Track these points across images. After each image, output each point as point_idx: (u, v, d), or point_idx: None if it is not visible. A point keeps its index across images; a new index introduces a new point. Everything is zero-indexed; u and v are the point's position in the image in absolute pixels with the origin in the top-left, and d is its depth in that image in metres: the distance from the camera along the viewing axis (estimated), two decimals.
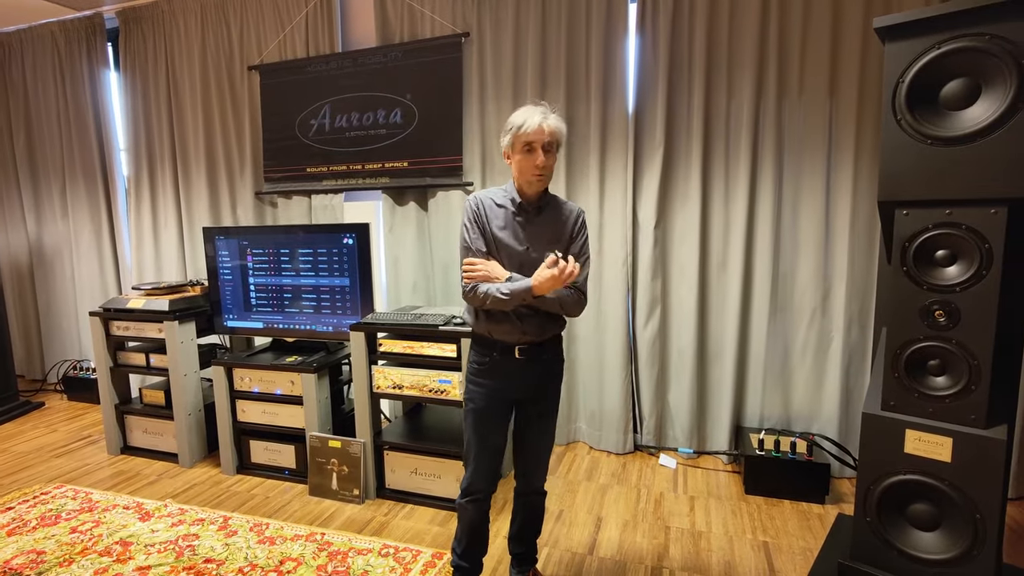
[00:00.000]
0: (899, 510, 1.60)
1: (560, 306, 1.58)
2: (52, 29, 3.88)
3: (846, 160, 2.51)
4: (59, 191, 4.08)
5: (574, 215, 1.66)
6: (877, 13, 2.40)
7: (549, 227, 1.63)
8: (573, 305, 1.59)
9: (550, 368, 1.70)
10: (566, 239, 1.63)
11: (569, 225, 1.64)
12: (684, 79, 2.72)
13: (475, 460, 1.68)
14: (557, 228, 1.63)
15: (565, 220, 1.64)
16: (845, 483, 2.59)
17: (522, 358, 1.63)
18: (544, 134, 1.53)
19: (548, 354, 1.67)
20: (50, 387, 4.27)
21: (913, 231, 1.53)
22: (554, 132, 1.55)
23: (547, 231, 1.62)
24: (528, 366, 1.64)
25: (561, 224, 1.64)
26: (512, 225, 1.62)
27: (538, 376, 1.67)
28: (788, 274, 2.67)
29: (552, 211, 1.65)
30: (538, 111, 1.55)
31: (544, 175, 1.57)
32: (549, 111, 1.57)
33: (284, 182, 3.43)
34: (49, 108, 4.00)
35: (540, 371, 1.67)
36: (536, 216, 1.63)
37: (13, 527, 2.31)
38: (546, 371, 1.69)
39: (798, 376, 2.70)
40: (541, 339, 1.63)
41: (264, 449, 2.76)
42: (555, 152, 1.59)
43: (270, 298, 2.86)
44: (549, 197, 1.66)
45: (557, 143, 1.57)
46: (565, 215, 1.65)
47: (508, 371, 1.64)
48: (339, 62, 3.21)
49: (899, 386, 1.58)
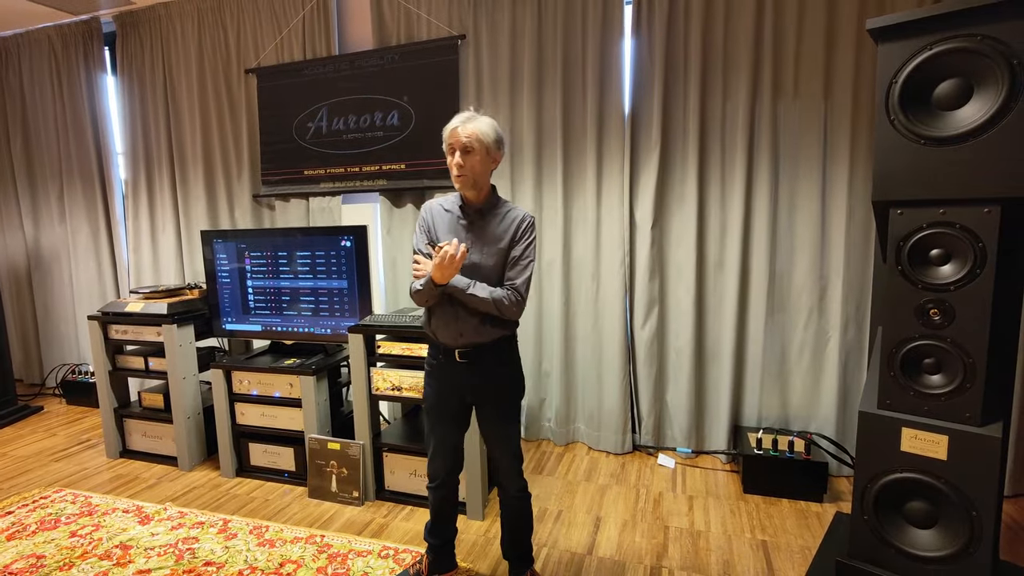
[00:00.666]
0: (896, 508, 1.61)
1: (495, 307, 1.61)
2: (49, 33, 3.88)
3: (841, 160, 2.52)
4: (57, 195, 4.08)
5: (519, 219, 1.68)
6: (871, 14, 2.41)
7: (492, 230, 1.67)
8: (509, 306, 1.61)
9: (493, 371, 1.71)
10: (508, 242, 1.66)
11: (513, 228, 1.67)
12: (680, 80, 2.73)
13: (431, 452, 1.83)
14: (501, 231, 1.67)
15: (509, 224, 1.67)
16: (843, 481, 2.60)
17: (463, 361, 1.68)
18: (460, 136, 1.59)
19: (490, 357, 1.69)
20: (49, 391, 4.26)
21: (907, 231, 1.54)
22: (471, 134, 1.59)
23: (490, 234, 1.67)
24: (469, 369, 1.69)
25: (505, 228, 1.67)
26: (456, 229, 1.69)
27: (480, 379, 1.70)
28: (785, 274, 2.68)
29: (497, 215, 1.69)
30: (462, 116, 1.62)
31: (464, 175, 1.61)
32: (477, 116, 1.63)
33: (282, 185, 3.43)
34: (46, 112, 4.00)
35: (482, 374, 1.70)
36: (479, 219, 1.68)
37: (13, 531, 2.31)
38: (489, 374, 1.70)
39: (795, 375, 2.71)
40: (480, 341, 1.66)
41: (263, 452, 2.76)
42: (477, 155, 1.60)
43: (268, 301, 2.86)
44: (496, 201, 1.71)
45: (478, 145, 1.59)
46: (510, 219, 1.68)
47: (451, 373, 1.71)
48: (336, 65, 3.22)
49: (895, 385, 1.59)
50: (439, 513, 1.89)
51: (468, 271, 1.64)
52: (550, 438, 3.14)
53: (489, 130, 1.62)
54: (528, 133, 2.93)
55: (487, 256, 1.66)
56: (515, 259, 1.65)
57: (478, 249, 1.67)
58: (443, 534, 1.92)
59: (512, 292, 1.63)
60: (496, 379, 1.72)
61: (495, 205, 1.70)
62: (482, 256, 1.66)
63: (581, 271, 2.97)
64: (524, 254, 1.66)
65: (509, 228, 1.67)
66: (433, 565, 1.92)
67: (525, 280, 1.65)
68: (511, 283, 1.64)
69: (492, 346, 1.68)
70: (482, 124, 1.61)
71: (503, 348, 1.71)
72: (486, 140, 1.61)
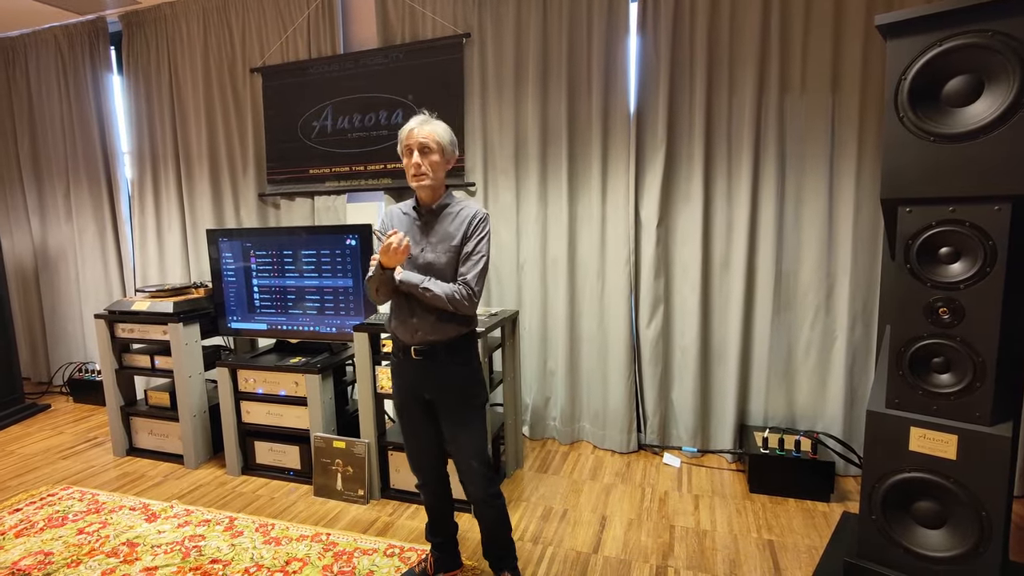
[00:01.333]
0: (904, 508, 1.60)
1: (448, 302, 1.63)
2: (56, 33, 3.89)
3: (849, 157, 2.50)
4: (63, 194, 4.10)
5: (471, 216, 1.71)
6: (879, 10, 2.40)
7: (445, 229, 1.71)
8: (460, 300, 1.63)
9: (449, 370, 1.71)
10: (460, 238, 1.69)
11: (466, 224, 1.70)
12: (686, 77, 2.72)
13: (407, 452, 1.85)
14: (454, 228, 1.70)
15: (463, 221, 1.70)
16: (850, 481, 2.59)
17: (419, 359, 1.71)
18: (417, 137, 1.64)
19: (446, 356, 1.70)
20: (56, 389, 4.29)
21: (916, 228, 1.53)
22: (428, 135, 1.65)
23: (443, 232, 1.70)
24: (425, 367, 1.71)
25: (458, 225, 1.70)
26: (412, 230, 1.73)
27: (437, 379, 1.71)
28: (791, 272, 2.67)
29: (450, 214, 1.72)
30: (417, 119, 1.68)
31: (422, 174, 1.65)
32: (432, 119, 1.69)
33: (287, 184, 3.44)
34: (53, 112, 4.02)
35: (439, 373, 1.71)
36: (433, 220, 1.72)
37: (21, 528, 2.33)
38: (445, 373, 1.71)
39: (802, 374, 2.69)
40: (436, 339, 1.68)
41: (269, 450, 2.77)
42: (436, 154, 1.66)
43: (274, 299, 2.87)
44: (449, 200, 1.75)
45: (436, 145, 1.65)
46: (462, 217, 1.71)
47: (410, 371, 1.74)
48: (341, 64, 3.22)
49: (903, 384, 1.58)
50: (433, 511, 1.90)
51: (424, 270, 1.68)
52: (555, 437, 3.14)
53: (445, 132, 1.69)
54: (533, 131, 2.93)
55: (440, 254, 1.69)
56: (467, 254, 1.68)
57: (432, 248, 1.70)
58: (442, 531, 1.92)
59: (463, 286, 1.65)
60: (452, 378, 1.72)
61: (447, 204, 1.74)
62: (436, 254, 1.69)
63: (586, 270, 2.97)
64: (475, 249, 1.68)
65: (461, 226, 1.70)
66: (438, 564, 1.93)
67: (476, 275, 1.67)
68: (462, 277, 1.66)
69: (448, 344, 1.70)
70: (438, 127, 1.68)
71: (460, 347, 1.72)
72: (442, 141, 1.67)
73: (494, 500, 1.76)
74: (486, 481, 1.73)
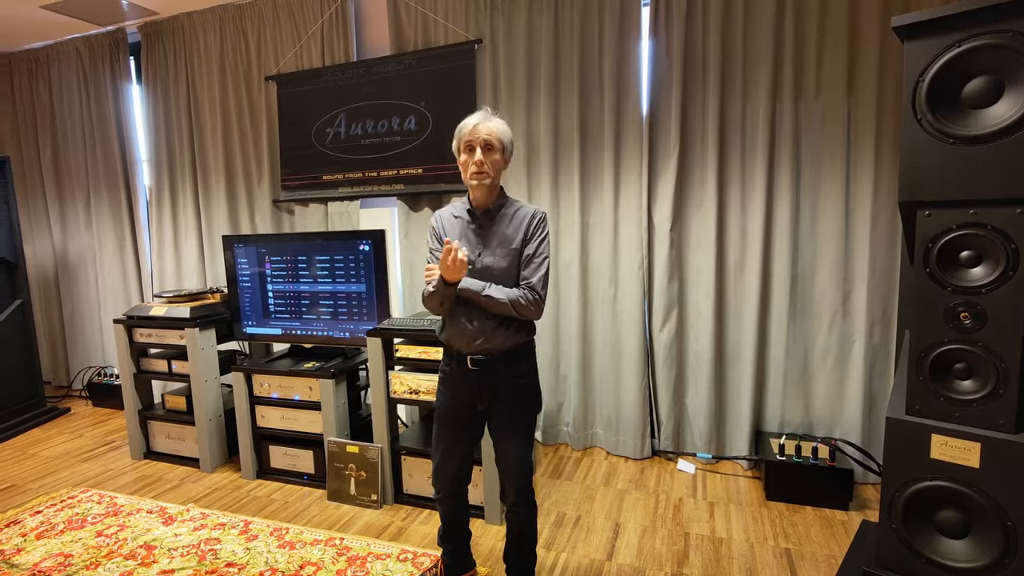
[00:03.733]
0: (926, 517, 1.57)
1: (512, 307, 1.56)
2: (77, 44, 3.98)
3: (865, 160, 2.47)
4: (83, 201, 4.19)
5: (531, 216, 1.65)
6: (895, 11, 2.37)
7: (503, 231, 1.64)
8: (526, 305, 1.57)
9: (508, 381, 1.64)
10: (521, 240, 1.62)
11: (525, 225, 1.63)
12: (699, 81, 2.71)
13: (435, 461, 1.76)
14: (512, 231, 1.63)
15: (521, 222, 1.64)
16: (869, 489, 2.54)
17: (475, 369, 1.63)
18: (480, 134, 1.58)
19: (505, 367, 1.63)
20: (75, 393, 4.36)
21: (936, 232, 1.50)
22: (492, 132, 1.59)
23: (500, 235, 1.64)
24: (482, 377, 1.63)
25: (516, 226, 1.64)
26: (466, 233, 1.67)
27: (494, 389, 1.64)
28: (807, 276, 2.64)
29: (506, 216, 1.66)
30: (479, 115, 1.62)
31: (483, 172, 1.58)
32: (494, 116, 1.63)
33: (301, 190, 3.47)
34: (74, 121, 4.11)
35: (496, 383, 1.64)
36: (489, 222, 1.66)
37: (42, 530, 2.36)
38: (504, 383, 1.64)
39: (819, 380, 2.66)
40: (494, 348, 1.61)
41: (283, 454, 2.79)
42: (498, 153, 1.61)
43: (288, 304, 2.89)
44: (505, 201, 1.68)
45: (499, 144, 1.60)
46: (520, 218, 1.65)
47: (464, 382, 1.66)
48: (354, 71, 3.25)
49: (924, 390, 1.55)
50: (447, 521, 1.85)
51: (482, 275, 1.61)
52: (568, 442, 3.13)
53: (507, 131, 1.64)
54: (545, 136, 2.93)
55: (500, 258, 1.62)
56: (528, 257, 1.61)
57: (490, 252, 1.63)
58: (456, 539, 1.89)
59: (528, 291, 1.59)
60: (511, 389, 1.65)
61: (504, 205, 1.67)
62: (495, 258, 1.62)
63: (599, 274, 2.96)
64: (538, 251, 1.62)
65: (520, 227, 1.63)
66: (449, 569, 1.91)
67: (541, 278, 1.60)
68: (527, 282, 1.60)
69: (508, 354, 1.63)
70: (500, 124, 1.62)
71: (520, 356, 1.66)
72: (505, 140, 1.62)
73: (528, 510, 1.74)
74: (526, 487, 1.70)
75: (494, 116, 1.63)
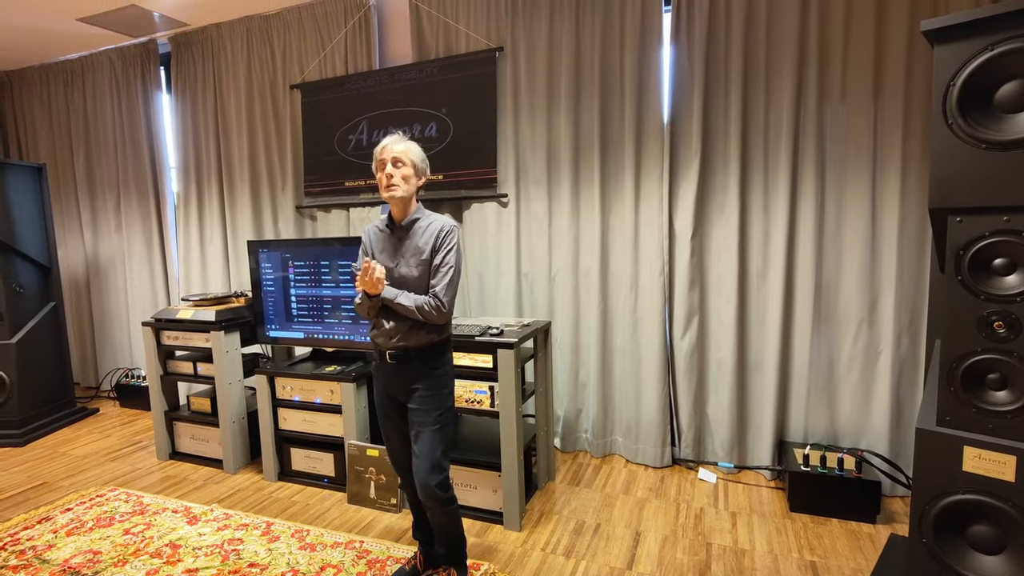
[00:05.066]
0: (958, 531, 1.52)
1: (418, 312, 1.74)
2: (110, 55, 4.11)
3: (893, 165, 2.43)
4: (114, 207, 4.31)
5: (439, 229, 1.79)
6: (923, 14, 2.33)
7: (416, 243, 1.80)
8: (430, 311, 1.74)
9: (419, 373, 1.81)
10: (429, 252, 1.78)
11: (433, 238, 1.78)
12: (721, 86, 2.69)
13: (387, 452, 1.99)
14: (423, 243, 1.79)
15: (431, 235, 1.79)
16: (897, 502, 2.48)
17: (392, 363, 1.83)
18: (390, 152, 1.76)
19: (417, 361, 1.81)
20: (104, 394, 4.47)
21: (968, 239, 1.47)
22: (401, 151, 1.76)
23: (414, 247, 1.80)
24: (398, 370, 1.83)
25: (427, 239, 1.79)
26: (388, 245, 1.85)
27: (407, 381, 1.83)
28: (832, 284, 2.59)
29: (419, 229, 1.81)
30: (392, 138, 1.80)
31: (393, 185, 1.76)
32: (406, 139, 1.80)
33: (323, 196, 3.53)
34: (107, 129, 4.24)
35: (409, 376, 1.82)
36: (405, 235, 1.82)
37: (72, 527, 2.42)
38: (415, 377, 1.82)
39: (844, 389, 2.60)
40: (409, 345, 1.80)
41: (304, 457, 2.82)
42: (408, 168, 1.77)
43: (310, 309, 2.93)
44: (420, 216, 1.83)
45: (408, 160, 1.77)
46: (431, 231, 1.79)
47: (385, 375, 1.87)
48: (377, 79, 3.30)
49: (955, 401, 1.51)
50: (415, 510, 2.04)
51: (399, 283, 1.81)
52: (587, 449, 3.11)
53: (417, 152, 1.80)
54: (565, 142, 2.94)
55: (413, 268, 1.79)
56: (436, 267, 1.77)
57: (405, 262, 1.80)
58: (426, 529, 2.03)
59: (432, 298, 1.75)
60: (421, 381, 1.81)
61: (417, 219, 1.82)
62: (409, 268, 1.80)
63: (619, 281, 2.94)
64: (443, 261, 1.77)
65: (430, 239, 1.78)
66: (427, 560, 2.02)
67: (444, 286, 1.76)
68: (432, 290, 1.76)
69: (421, 350, 1.81)
70: (412, 145, 1.80)
71: (431, 353, 1.82)
72: (414, 159, 1.79)
73: (434, 501, 1.80)
74: (425, 482, 1.78)
75: (406, 140, 1.81)
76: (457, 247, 1.80)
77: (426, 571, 2.01)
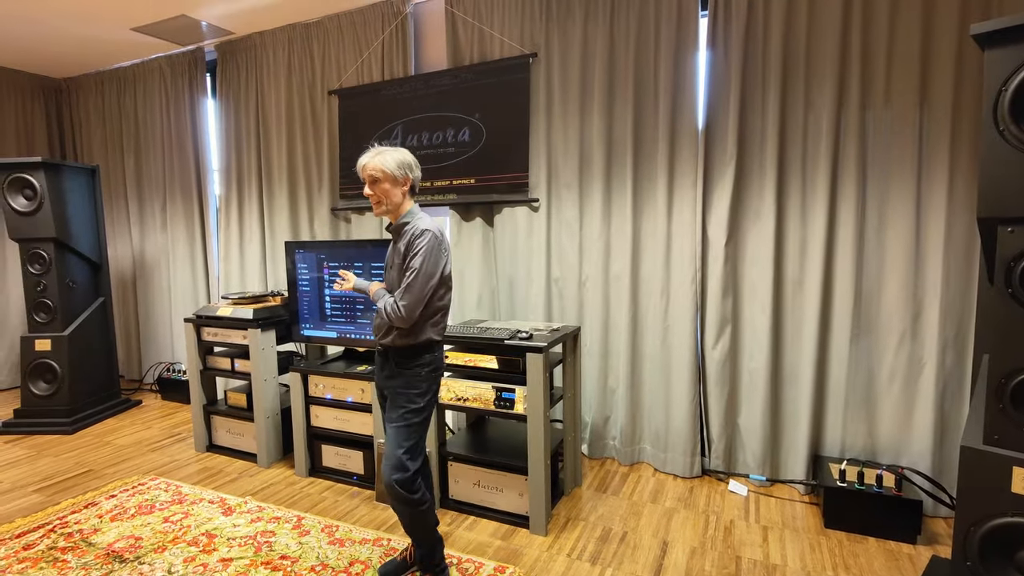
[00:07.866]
0: (1006, 555, 1.46)
1: (384, 314, 1.82)
2: (160, 63, 4.30)
3: (939, 173, 2.34)
4: (160, 207, 4.49)
5: (412, 234, 1.83)
6: (973, 18, 2.25)
7: (399, 248, 1.87)
8: (390, 314, 1.81)
9: (397, 371, 1.89)
10: (403, 256, 1.83)
11: (407, 242, 1.83)
12: (758, 91, 2.65)
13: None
14: (403, 246, 1.85)
15: (408, 240, 1.83)
16: (939, 522, 2.38)
17: (380, 358, 1.96)
18: (366, 172, 1.84)
19: (396, 358, 1.89)
20: (146, 387, 4.66)
21: (1019, 250, 1.41)
22: (375, 167, 1.82)
23: (399, 251, 1.86)
24: (383, 365, 1.95)
25: (405, 243, 1.84)
26: (388, 252, 1.96)
27: (387, 376, 1.93)
28: (873, 294, 2.51)
29: (404, 234, 1.87)
30: (367, 155, 1.86)
31: (378, 203, 1.86)
32: (383, 151, 1.85)
33: (358, 199, 3.60)
34: (155, 133, 4.43)
35: (388, 372, 1.92)
36: (396, 238, 1.91)
37: (115, 513, 2.53)
38: (392, 373, 1.90)
39: (884, 404, 2.52)
40: (390, 343, 1.88)
41: (335, 454, 2.88)
42: (385, 183, 1.83)
43: (344, 309, 3.00)
44: (407, 220, 1.89)
45: (382, 175, 1.82)
46: (408, 236, 1.84)
47: (377, 369, 1.98)
48: (412, 84, 3.36)
49: (1004, 419, 1.45)
50: None
51: (392, 285, 1.89)
52: (615, 456, 3.08)
53: (391, 161, 1.83)
54: (598, 147, 2.93)
55: (398, 271, 1.85)
56: (404, 271, 1.82)
57: (395, 266, 1.88)
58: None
59: (394, 302, 1.80)
60: (397, 378, 1.88)
61: (404, 224, 1.88)
62: (396, 272, 1.87)
63: (650, 287, 2.92)
64: (409, 266, 1.80)
65: (406, 244, 1.83)
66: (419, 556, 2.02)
67: (403, 291, 1.79)
68: (395, 294, 1.82)
69: (398, 350, 1.88)
70: (385, 157, 1.83)
71: (407, 354, 1.88)
72: (387, 169, 1.82)
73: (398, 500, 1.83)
74: (388, 479, 1.82)
75: (382, 150, 1.85)
76: (428, 251, 1.78)
77: (413, 565, 2.04)
